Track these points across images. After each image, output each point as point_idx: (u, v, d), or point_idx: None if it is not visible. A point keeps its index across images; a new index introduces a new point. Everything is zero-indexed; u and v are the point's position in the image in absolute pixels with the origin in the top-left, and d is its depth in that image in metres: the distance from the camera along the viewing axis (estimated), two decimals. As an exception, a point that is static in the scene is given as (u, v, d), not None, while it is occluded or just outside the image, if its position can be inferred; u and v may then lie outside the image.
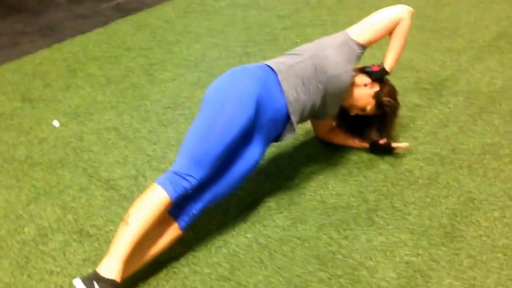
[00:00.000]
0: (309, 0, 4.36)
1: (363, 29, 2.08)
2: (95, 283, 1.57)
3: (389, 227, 2.01)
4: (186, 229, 1.84)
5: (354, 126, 2.38)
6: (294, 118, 1.96)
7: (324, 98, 2.02)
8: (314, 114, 2.09)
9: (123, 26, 3.99)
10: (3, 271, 1.87)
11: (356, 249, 1.91)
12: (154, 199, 1.69)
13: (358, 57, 2.09)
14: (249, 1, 4.36)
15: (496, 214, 2.03)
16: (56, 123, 2.74)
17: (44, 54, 3.57)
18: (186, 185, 1.72)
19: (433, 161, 2.35)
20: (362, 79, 2.18)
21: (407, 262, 1.84)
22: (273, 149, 2.48)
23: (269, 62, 1.99)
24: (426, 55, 3.33)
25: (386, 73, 2.19)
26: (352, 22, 2.16)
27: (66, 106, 2.92)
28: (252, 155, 1.90)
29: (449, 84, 2.98)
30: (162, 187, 1.70)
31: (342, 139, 2.45)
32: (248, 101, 1.81)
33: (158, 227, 1.78)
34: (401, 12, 2.11)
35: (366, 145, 2.40)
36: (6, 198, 2.23)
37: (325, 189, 2.22)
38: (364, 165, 2.35)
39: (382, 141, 2.33)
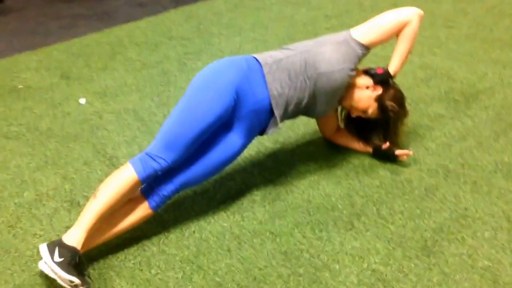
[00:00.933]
0: (363, 2, 4.30)
1: (367, 30, 2.05)
2: (57, 248, 1.67)
3: (368, 233, 1.96)
4: (157, 209, 1.91)
5: (359, 129, 2.34)
6: (277, 112, 1.97)
7: (313, 95, 2.01)
8: (302, 110, 2.08)
9: (173, 16, 4.14)
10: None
11: (326, 251, 1.89)
12: (123, 176, 1.78)
13: (359, 57, 2.05)
14: (302, 0, 4.36)
15: (486, 234, 1.93)
16: (82, 101, 2.92)
17: (93, 37, 3.80)
18: (156, 166, 1.79)
19: (437, 174, 2.25)
20: (365, 80, 2.14)
21: (373, 270, 1.80)
22: (276, 144, 2.49)
23: (258, 54, 2.01)
24: (468, 65, 3.18)
25: (390, 76, 2.13)
26: None
27: (97, 85, 3.10)
28: (231, 144, 1.93)
29: (482, 97, 2.83)
30: (133, 166, 1.78)
31: (347, 141, 2.42)
32: (226, 91, 1.85)
33: (129, 204, 1.86)
34: (409, 14, 2.05)
35: (370, 149, 2.35)
36: (18, 164, 2.42)
37: (315, 188, 2.20)
38: (363, 170, 2.30)
39: (385, 146, 2.27)
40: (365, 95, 2.13)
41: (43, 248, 1.68)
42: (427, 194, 2.14)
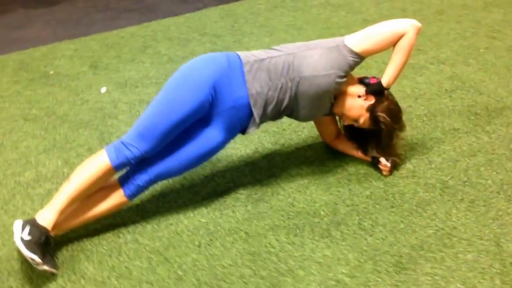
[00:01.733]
0: (407, 7, 4.17)
1: (361, 38, 2.01)
2: (28, 226, 1.76)
3: (343, 243, 1.91)
4: (132, 198, 1.96)
5: (357, 137, 2.28)
6: (255, 111, 1.96)
7: (295, 98, 1.99)
8: (284, 112, 2.05)
9: (211, 13, 4.21)
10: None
11: (295, 256, 1.86)
12: (97, 162, 1.84)
13: (350, 65, 2.01)
14: (344, 3, 4.30)
15: (469, 256, 1.82)
16: (103, 89, 3.04)
17: (130, 30, 3.94)
18: (128, 154, 1.84)
19: (433, 189, 2.16)
20: (358, 89, 2.09)
21: (337, 281, 1.75)
22: (275, 146, 2.48)
23: (242, 52, 2.01)
24: (502, 79, 3.01)
25: (383, 87, 2.07)
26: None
27: (120, 76, 3.21)
28: (209, 138, 1.95)
29: (507, 112, 2.67)
30: (107, 153, 1.84)
31: (346, 147, 2.37)
32: (203, 86, 1.87)
33: (105, 190, 1.92)
34: (405, 26, 1.99)
35: (369, 158, 2.29)
36: (28, 145, 2.56)
37: (302, 193, 2.17)
38: (356, 178, 2.24)
39: (379, 157, 2.21)
40: (357, 104, 2.07)
41: (17, 225, 1.77)
42: (417, 209, 2.05)
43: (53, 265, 1.78)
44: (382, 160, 2.21)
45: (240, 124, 2.00)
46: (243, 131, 2.06)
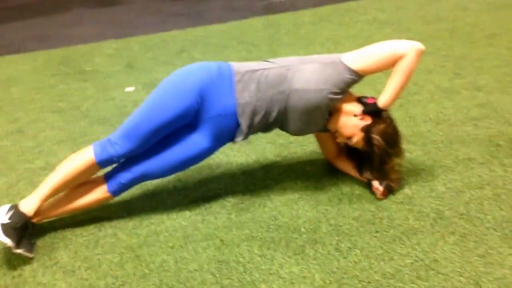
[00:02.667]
0: (457, 30, 4.03)
1: (358, 56, 1.98)
2: (11, 210, 1.88)
3: (313, 262, 1.88)
4: (116, 194, 2.03)
5: (355, 156, 2.24)
6: (242, 121, 1.98)
7: (285, 111, 1.99)
8: (273, 124, 2.05)
9: (255, 22, 4.27)
10: (4, 176, 2.36)
11: (261, 269, 1.86)
12: (82, 156, 1.94)
13: (346, 83, 1.99)
14: (392, 20, 4.22)
15: (441, 292, 1.74)
16: (130, 89, 3.17)
17: (173, 34, 4.08)
18: (112, 152, 1.92)
19: (426, 218, 2.07)
20: (354, 107, 2.05)
21: (295, 299, 1.73)
22: (277, 158, 2.49)
23: (236, 63, 2.04)
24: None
25: (379, 108, 2.02)
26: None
27: (150, 77, 3.34)
28: (194, 144, 1.99)
29: (533, 147, 2.51)
30: (93, 149, 1.93)
31: (345, 166, 2.33)
32: (189, 93, 1.92)
33: (90, 184, 2.02)
34: (405, 48, 1.93)
35: (365, 179, 2.24)
36: (46, 135, 2.72)
37: (289, 207, 2.16)
38: (348, 199, 2.20)
39: (371, 179, 2.16)
40: (351, 123, 2.04)
41: (2, 209, 1.90)
42: (401, 237, 1.98)
43: (29, 249, 1.88)
44: (374, 183, 2.16)
45: (228, 132, 2.02)
46: (232, 139, 2.07)
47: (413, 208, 2.13)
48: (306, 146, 2.56)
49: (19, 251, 1.83)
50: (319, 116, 2.03)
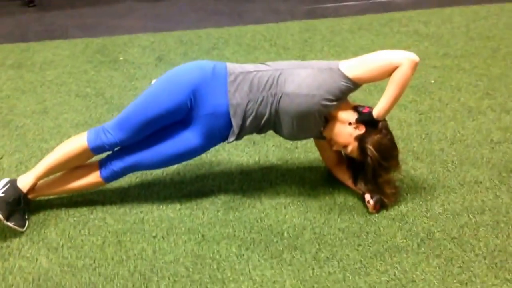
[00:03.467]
0: (500, 48, 3.86)
1: (354, 64, 1.97)
2: (8, 184, 1.99)
3: (289, 267, 1.88)
4: (108, 181, 2.10)
5: (353, 166, 2.21)
6: (234, 122, 1.99)
7: (276, 114, 1.99)
8: (266, 126, 2.05)
9: (292, 26, 4.27)
10: (18, 152, 2.47)
11: (235, 269, 1.87)
12: (77, 141, 2.03)
13: (342, 90, 1.97)
14: (433, 34, 4.11)
15: (410, 314, 1.69)
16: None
17: (208, 31, 4.14)
18: (104, 139, 1.99)
19: (414, 237, 2.02)
20: (350, 116, 2.03)
21: (260, 302, 1.73)
22: (279, 161, 2.48)
23: (232, 64, 2.06)
24: None
25: (373, 118, 1.99)
26: None
27: (176, 72, 3.40)
28: (184, 140, 2.02)
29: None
30: (87, 135, 2.01)
31: (343, 177, 2.29)
32: (182, 90, 1.96)
33: (85, 168, 2.10)
34: (399, 58, 1.90)
35: (359, 191, 2.20)
36: (66, 118, 2.84)
37: (278, 211, 2.16)
38: (340, 209, 2.17)
39: (364, 192, 2.13)
40: (345, 131, 2.02)
41: (2, 182, 2.01)
42: (384, 253, 1.94)
43: (19, 224, 1.98)
44: (366, 196, 2.12)
45: (220, 132, 2.04)
46: (225, 140, 2.09)
47: (403, 226, 2.08)
48: (312, 152, 2.53)
49: (8, 223, 1.93)
50: (313, 122, 2.02)
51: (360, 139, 2.00)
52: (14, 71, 3.41)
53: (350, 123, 2.02)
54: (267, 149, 2.56)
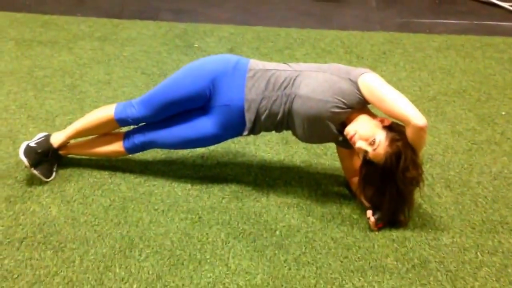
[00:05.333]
0: None
1: (373, 88, 1.98)
2: (43, 137, 2.29)
3: (267, 263, 1.97)
4: (129, 152, 2.32)
5: (368, 178, 2.20)
6: (247, 116, 2.10)
7: (289, 114, 2.07)
8: (279, 125, 2.13)
9: (377, 36, 4.24)
10: (72, 114, 2.78)
11: (215, 253, 1.99)
12: (106, 111, 2.27)
13: (357, 101, 2.01)
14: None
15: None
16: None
17: (287, 30, 4.24)
18: (129, 113, 2.21)
19: (406, 262, 2.01)
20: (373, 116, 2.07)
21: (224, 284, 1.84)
22: (302, 164, 2.54)
23: (255, 60, 2.17)
24: None
25: None
26: None
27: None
28: (200, 125, 2.18)
29: None
30: (115, 107, 2.25)
31: (358, 191, 2.31)
32: (203, 78, 2.12)
33: (110, 136, 2.34)
34: (413, 116, 1.89)
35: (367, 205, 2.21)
36: (124, 91, 3.12)
37: (280, 210, 2.23)
38: (341, 220, 2.20)
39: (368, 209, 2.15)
40: (371, 122, 2.03)
41: (39, 135, 2.31)
42: (367, 271, 1.95)
43: (45, 174, 2.25)
44: (368, 212, 2.13)
45: (235, 125, 2.15)
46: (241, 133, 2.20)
47: (400, 249, 2.07)
48: (338, 162, 2.56)
49: (34, 171, 2.21)
50: (324, 127, 2.06)
51: (389, 127, 2.00)
52: (99, 43, 3.77)
53: (375, 116, 2.05)
54: (296, 151, 2.63)
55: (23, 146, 2.20)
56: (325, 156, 2.62)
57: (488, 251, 2.07)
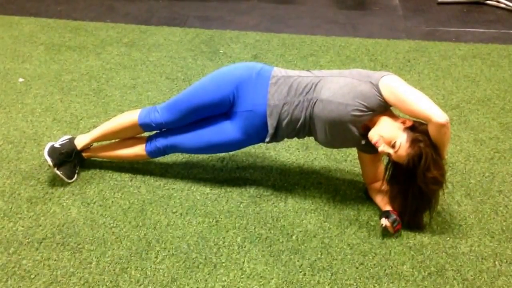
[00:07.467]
0: None
1: (395, 89, 1.97)
2: (68, 139, 2.34)
3: (282, 268, 1.96)
4: (151, 156, 2.34)
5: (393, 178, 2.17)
6: (269, 122, 2.11)
7: (311, 119, 2.07)
8: (300, 130, 2.13)
9: (402, 45, 4.19)
10: (96, 117, 2.82)
11: (231, 257, 2.00)
12: (130, 115, 2.31)
13: (378, 104, 1.99)
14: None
15: None
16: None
17: (313, 38, 4.24)
18: (153, 118, 2.24)
19: (423, 270, 1.98)
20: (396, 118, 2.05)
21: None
22: (321, 170, 2.53)
23: (278, 68, 2.19)
24: None
25: None
26: None
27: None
28: (223, 131, 2.19)
29: None
30: (139, 112, 2.28)
31: (376, 196, 2.29)
32: (227, 84, 2.14)
33: (133, 140, 2.37)
34: (434, 114, 1.87)
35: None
36: (149, 95, 3.16)
37: (297, 215, 2.23)
38: (359, 226, 2.18)
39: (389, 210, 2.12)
40: (393, 125, 2.01)
41: (65, 136, 2.36)
42: (382, 278, 1.93)
43: (67, 175, 2.30)
44: (382, 220, 2.10)
45: (258, 131, 2.16)
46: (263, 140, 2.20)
47: (417, 256, 2.04)
48: (358, 168, 2.54)
49: (57, 172, 2.26)
50: (346, 131, 2.04)
51: (411, 128, 1.99)
52: (126, 48, 3.84)
53: (397, 118, 2.03)
54: (316, 157, 2.62)
55: (47, 147, 2.25)
56: (345, 162, 2.60)
57: (506, 260, 2.03)
